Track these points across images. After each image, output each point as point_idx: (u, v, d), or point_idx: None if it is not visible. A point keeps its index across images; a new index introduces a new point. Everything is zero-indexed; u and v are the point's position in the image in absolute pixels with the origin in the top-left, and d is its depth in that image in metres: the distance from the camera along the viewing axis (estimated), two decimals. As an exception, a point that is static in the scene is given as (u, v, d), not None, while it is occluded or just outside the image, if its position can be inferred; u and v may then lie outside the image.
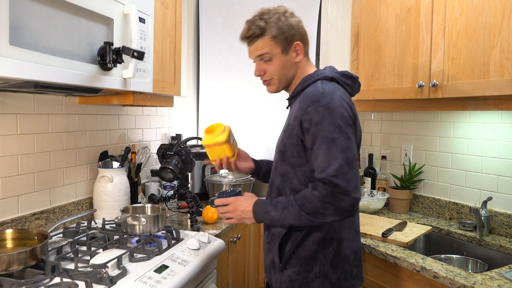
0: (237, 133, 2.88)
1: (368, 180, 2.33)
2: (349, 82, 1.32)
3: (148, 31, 1.50)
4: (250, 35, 1.30)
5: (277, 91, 1.38)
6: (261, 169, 1.54)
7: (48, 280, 1.11)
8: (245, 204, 1.29)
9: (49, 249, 1.33)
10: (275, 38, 1.28)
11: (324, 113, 1.16)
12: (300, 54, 1.32)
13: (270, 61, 1.31)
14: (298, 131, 1.21)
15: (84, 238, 1.51)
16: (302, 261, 1.25)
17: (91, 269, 1.19)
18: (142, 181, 2.22)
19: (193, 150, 2.33)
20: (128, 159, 1.97)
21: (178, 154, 1.80)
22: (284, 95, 1.41)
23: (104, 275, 1.13)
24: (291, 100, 1.37)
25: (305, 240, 1.25)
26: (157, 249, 1.40)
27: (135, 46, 1.35)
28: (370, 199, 2.11)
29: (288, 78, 1.35)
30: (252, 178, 2.32)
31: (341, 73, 1.31)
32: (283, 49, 1.30)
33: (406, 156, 2.25)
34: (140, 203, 2.01)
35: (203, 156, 2.36)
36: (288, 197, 1.21)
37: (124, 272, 1.20)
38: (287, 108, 1.43)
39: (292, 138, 1.24)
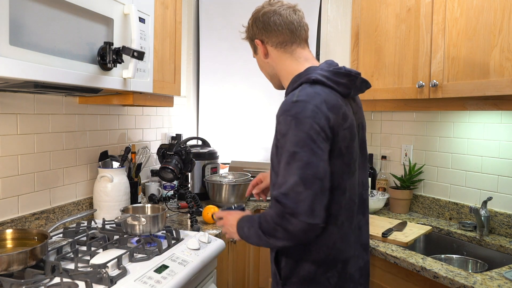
0: (236, 133, 2.89)
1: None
2: (343, 81, 1.14)
3: (148, 31, 1.50)
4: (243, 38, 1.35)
5: (276, 88, 1.34)
6: None
7: (48, 280, 1.11)
8: (231, 219, 1.24)
9: (49, 249, 1.33)
10: (248, 40, 1.32)
11: (291, 124, 1.04)
12: (263, 51, 1.25)
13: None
14: (275, 141, 1.12)
15: (84, 238, 1.50)
16: (302, 282, 1.14)
17: (91, 269, 1.18)
18: (142, 181, 2.22)
19: (193, 150, 2.33)
20: (128, 159, 1.97)
21: (178, 154, 1.80)
22: (280, 96, 1.39)
23: (104, 275, 1.13)
24: None
25: (302, 258, 1.14)
26: (157, 249, 1.40)
27: (135, 46, 1.35)
28: (370, 199, 2.11)
29: (272, 76, 1.30)
30: (252, 178, 2.32)
31: (335, 71, 1.14)
32: (254, 50, 1.31)
33: (406, 156, 2.25)
34: (140, 203, 2.01)
35: (203, 156, 2.36)
36: (258, 214, 1.13)
37: (124, 272, 1.20)
38: None
39: (273, 148, 1.14)
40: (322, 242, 1.12)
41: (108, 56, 1.25)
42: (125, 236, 1.48)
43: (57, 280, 1.12)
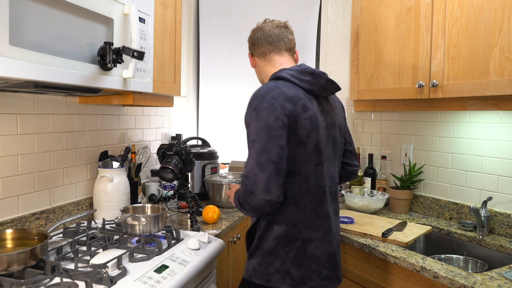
0: (236, 133, 2.89)
1: (368, 180, 2.33)
2: (307, 78, 1.30)
3: (148, 31, 1.50)
4: None
5: None
6: None
7: (48, 280, 1.11)
8: (233, 190, 1.45)
9: (49, 249, 1.33)
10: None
11: (252, 115, 1.23)
12: (252, 62, 1.53)
13: None
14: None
15: (84, 238, 1.51)
16: (264, 254, 1.32)
17: (91, 269, 1.19)
18: (142, 181, 2.22)
19: (193, 150, 2.33)
20: (128, 159, 1.97)
21: (178, 154, 1.80)
22: None
23: (104, 275, 1.13)
24: None
25: (266, 234, 1.31)
26: (157, 249, 1.40)
27: (135, 46, 1.35)
28: (370, 199, 2.11)
29: (261, 82, 1.55)
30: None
31: (300, 70, 1.31)
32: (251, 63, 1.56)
33: (406, 156, 2.25)
34: (140, 203, 2.01)
35: (203, 156, 2.36)
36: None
37: (124, 272, 1.20)
38: None
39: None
40: (283, 221, 1.29)
41: (108, 56, 1.25)
42: (125, 236, 1.48)
43: (57, 280, 1.12)
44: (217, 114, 2.91)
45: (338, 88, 1.38)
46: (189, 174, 2.33)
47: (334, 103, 1.44)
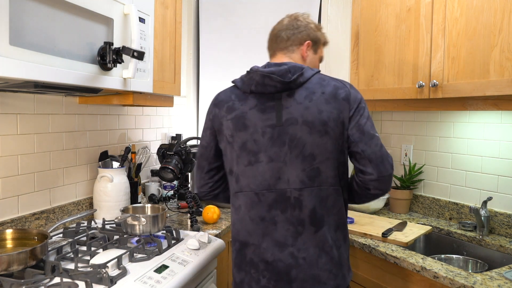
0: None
1: (368, 180, 2.33)
2: (245, 78, 1.30)
3: (148, 31, 1.50)
4: None
5: None
6: None
7: (48, 280, 1.11)
8: None
9: (49, 249, 1.33)
10: None
11: None
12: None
13: None
14: None
15: (84, 238, 1.51)
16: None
17: (91, 269, 1.18)
18: (142, 181, 2.22)
19: (193, 150, 2.33)
20: (128, 159, 1.97)
21: (178, 154, 1.80)
22: None
23: (104, 275, 1.13)
24: None
25: None
26: (157, 249, 1.40)
27: (135, 46, 1.35)
28: (370, 199, 2.11)
29: None
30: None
31: (248, 70, 1.30)
32: None
33: (406, 156, 2.25)
34: (140, 203, 2.01)
35: (203, 156, 2.36)
36: None
37: (124, 272, 1.20)
38: None
39: None
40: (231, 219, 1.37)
41: (108, 56, 1.25)
42: (125, 236, 1.48)
43: (57, 280, 1.12)
44: (217, 114, 2.91)
45: (285, 80, 1.22)
46: (189, 174, 2.33)
47: (304, 98, 1.24)
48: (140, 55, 1.28)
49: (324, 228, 1.22)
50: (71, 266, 1.24)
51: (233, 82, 1.35)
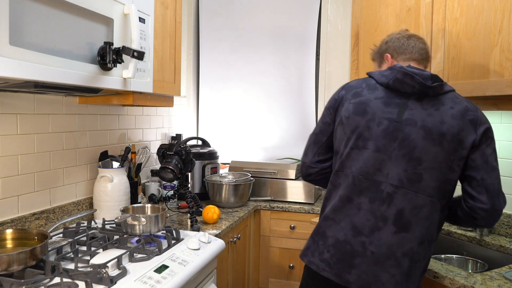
0: (236, 133, 2.89)
1: (368, 180, 2.33)
2: (386, 73, 1.33)
3: (148, 31, 1.50)
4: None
5: None
6: None
7: (48, 280, 1.11)
8: None
9: (49, 249, 1.33)
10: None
11: None
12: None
13: None
14: None
15: (84, 238, 1.51)
16: None
17: (91, 269, 1.18)
18: (142, 181, 2.22)
19: (193, 150, 2.34)
20: (128, 159, 1.97)
21: (178, 154, 1.80)
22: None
23: (104, 275, 1.13)
24: None
25: None
26: (157, 249, 1.40)
27: (135, 46, 1.35)
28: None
29: None
30: (252, 178, 2.32)
31: (391, 67, 1.35)
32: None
33: (406, 156, 2.25)
34: (140, 203, 2.01)
35: (203, 156, 2.36)
36: None
37: (124, 272, 1.20)
38: None
39: None
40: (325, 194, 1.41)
41: (108, 56, 1.25)
42: (125, 236, 1.48)
43: (57, 280, 1.12)
44: (217, 114, 2.91)
45: (426, 84, 1.24)
46: (189, 174, 2.33)
47: (431, 106, 1.25)
48: (140, 55, 1.28)
49: (407, 234, 1.20)
50: (71, 266, 1.24)
51: (369, 73, 1.39)
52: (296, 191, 2.36)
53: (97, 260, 1.24)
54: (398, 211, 1.21)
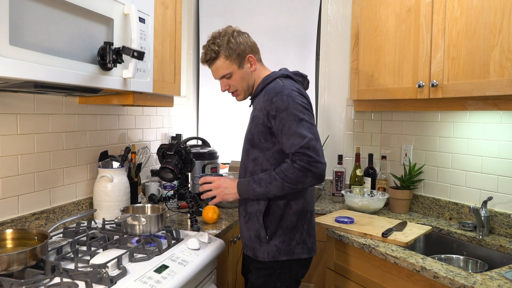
0: (236, 133, 2.89)
1: (368, 180, 2.33)
2: (300, 79, 1.56)
3: (148, 31, 1.50)
4: (208, 59, 1.55)
5: (244, 99, 1.63)
6: None
7: (48, 280, 1.11)
8: (228, 182, 1.53)
9: (49, 249, 1.32)
10: (229, 58, 1.52)
11: (289, 101, 1.40)
12: (254, 64, 1.56)
13: (231, 77, 1.55)
14: (264, 120, 1.44)
15: (84, 238, 1.50)
16: (286, 231, 1.48)
17: (91, 269, 1.18)
18: (142, 181, 2.22)
19: (193, 150, 2.33)
20: (128, 159, 1.97)
21: (178, 154, 1.80)
22: None
23: (104, 275, 1.13)
24: (253, 99, 1.60)
25: (285, 213, 1.48)
26: (157, 249, 1.40)
27: (135, 46, 1.35)
28: (370, 199, 2.11)
29: (250, 86, 1.58)
30: (252, 178, 2.31)
31: (294, 72, 1.56)
32: (239, 65, 1.53)
33: (406, 156, 2.25)
34: (140, 203, 2.01)
35: (203, 156, 2.36)
36: (268, 173, 1.44)
37: (124, 272, 1.20)
38: (250, 106, 1.65)
39: (258, 127, 1.47)
40: (302, 196, 1.49)
41: (108, 56, 1.25)
42: (125, 236, 1.48)
43: (57, 280, 1.12)
44: (217, 114, 2.91)
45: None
46: (189, 174, 2.33)
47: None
48: (140, 55, 1.28)
49: None
50: (71, 266, 1.23)
51: (294, 78, 1.55)
52: (296, 191, 2.35)
53: (97, 260, 1.24)
54: None
